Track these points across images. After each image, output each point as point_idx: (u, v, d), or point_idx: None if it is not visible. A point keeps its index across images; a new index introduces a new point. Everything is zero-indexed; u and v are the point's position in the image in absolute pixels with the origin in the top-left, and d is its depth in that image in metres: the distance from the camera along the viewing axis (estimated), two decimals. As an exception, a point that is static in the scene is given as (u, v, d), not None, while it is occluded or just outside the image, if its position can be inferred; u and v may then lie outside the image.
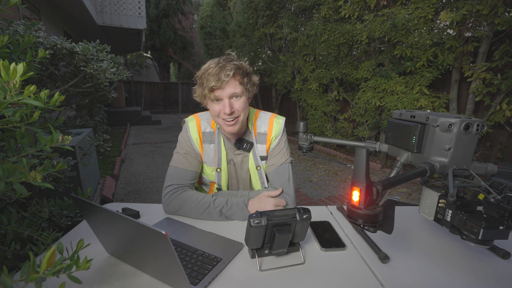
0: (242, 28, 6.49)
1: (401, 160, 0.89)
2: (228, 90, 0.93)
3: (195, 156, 1.06)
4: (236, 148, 1.07)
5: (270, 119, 1.10)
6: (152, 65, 14.85)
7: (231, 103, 0.94)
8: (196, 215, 0.95)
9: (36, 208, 1.03)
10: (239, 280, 0.65)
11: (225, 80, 0.90)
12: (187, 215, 0.96)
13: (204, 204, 0.94)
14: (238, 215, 0.94)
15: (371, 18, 3.83)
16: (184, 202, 0.96)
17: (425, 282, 0.67)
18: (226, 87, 0.92)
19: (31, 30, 1.19)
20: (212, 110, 0.98)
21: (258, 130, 1.09)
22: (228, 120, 0.96)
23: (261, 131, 1.09)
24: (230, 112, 0.94)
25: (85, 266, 0.48)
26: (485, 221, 0.63)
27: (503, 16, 2.74)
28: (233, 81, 0.93)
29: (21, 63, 0.49)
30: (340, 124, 5.23)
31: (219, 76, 0.90)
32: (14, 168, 0.47)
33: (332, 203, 3.06)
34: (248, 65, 1.00)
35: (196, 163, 1.06)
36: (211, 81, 0.90)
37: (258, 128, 1.09)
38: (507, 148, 3.22)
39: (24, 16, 3.99)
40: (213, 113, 0.99)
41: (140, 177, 3.80)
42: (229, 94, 0.93)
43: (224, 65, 0.91)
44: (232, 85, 0.93)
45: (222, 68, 0.90)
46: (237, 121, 0.97)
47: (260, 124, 1.10)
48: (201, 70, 0.96)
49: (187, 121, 1.08)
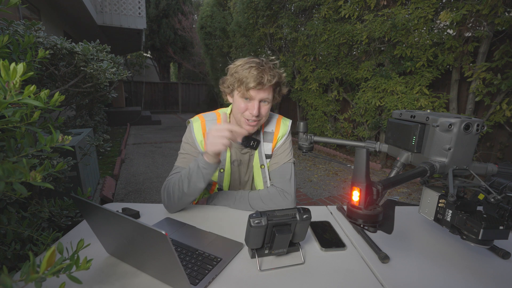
0: (242, 28, 6.49)
1: (401, 160, 0.89)
2: (262, 95, 0.94)
3: (197, 156, 1.06)
4: (243, 146, 1.08)
5: (278, 119, 1.13)
6: (152, 65, 14.84)
7: (259, 106, 0.96)
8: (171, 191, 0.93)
9: (36, 208, 1.03)
10: (239, 280, 0.65)
11: (266, 84, 0.91)
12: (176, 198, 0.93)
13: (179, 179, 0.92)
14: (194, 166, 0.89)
15: (371, 18, 3.83)
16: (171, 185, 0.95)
17: (425, 282, 0.67)
18: (262, 91, 0.94)
19: (31, 30, 1.19)
20: (238, 105, 0.98)
21: (265, 129, 1.11)
22: (251, 121, 0.98)
23: (269, 130, 1.11)
24: (257, 114, 0.95)
25: (85, 266, 0.48)
26: (485, 221, 0.63)
27: (503, 16, 2.73)
28: (269, 88, 0.95)
29: (21, 63, 0.49)
30: (340, 124, 5.23)
31: (262, 79, 0.90)
32: (14, 168, 0.47)
33: (332, 203, 3.06)
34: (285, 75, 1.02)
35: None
36: (251, 81, 0.90)
37: (265, 127, 1.11)
38: (507, 148, 3.21)
39: (24, 16, 3.99)
40: (237, 109, 0.99)
41: (140, 177, 3.80)
42: (262, 98, 0.95)
43: (267, 70, 0.92)
44: (267, 91, 0.95)
45: (265, 72, 0.91)
46: (257, 124, 1.00)
47: (267, 123, 1.12)
48: (241, 62, 0.95)
49: (192, 122, 1.08)
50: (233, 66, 0.97)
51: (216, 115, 1.11)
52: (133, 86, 12.81)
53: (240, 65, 0.94)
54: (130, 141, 6.29)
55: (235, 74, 0.95)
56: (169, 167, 4.25)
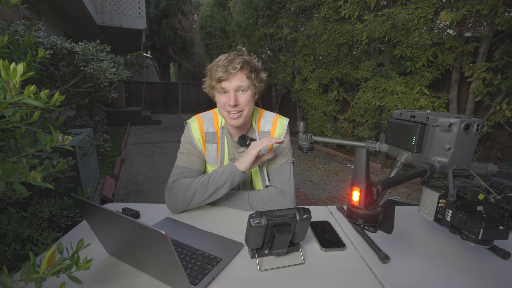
0: (242, 28, 6.49)
1: (401, 160, 0.89)
2: (234, 83, 0.95)
3: (198, 155, 1.08)
4: (239, 145, 1.08)
5: (274, 118, 1.12)
6: (152, 65, 14.84)
7: (236, 96, 0.96)
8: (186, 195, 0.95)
9: (36, 208, 1.03)
10: (239, 280, 0.65)
11: (232, 72, 0.93)
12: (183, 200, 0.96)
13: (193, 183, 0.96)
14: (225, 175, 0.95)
15: (371, 18, 3.83)
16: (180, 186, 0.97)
17: (425, 282, 0.67)
18: (232, 79, 0.95)
19: (31, 30, 1.19)
20: (219, 101, 1.00)
21: (262, 129, 1.11)
22: (233, 113, 0.98)
23: (265, 130, 1.11)
24: (234, 104, 0.96)
25: (85, 266, 0.48)
26: (485, 221, 0.63)
27: (503, 16, 2.73)
28: (240, 74, 0.96)
29: (21, 63, 0.49)
30: (340, 124, 5.23)
31: (227, 68, 0.93)
32: (14, 168, 0.47)
33: (332, 203, 3.06)
34: (258, 61, 1.03)
35: (199, 162, 1.08)
36: (219, 72, 0.93)
37: (262, 127, 1.11)
38: (507, 148, 3.21)
39: (24, 16, 3.99)
40: (219, 105, 1.01)
41: (140, 177, 3.80)
42: (235, 86, 0.96)
43: (233, 58, 0.95)
44: (239, 78, 0.96)
45: (231, 61, 0.94)
46: (241, 115, 0.99)
47: (264, 122, 1.11)
48: (212, 63, 0.99)
49: (189, 122, 1.09)
50: (208, 68, 1.01)
51: (213, 114, 1.11)
52: (133, 86, 12.81)
53: (211, 65, 0.99)
54: (130, 141, 6.29)
55: (208, 73, 0.99)
56: (169, 167, 4.24)
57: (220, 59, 0.96)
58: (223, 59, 0.95)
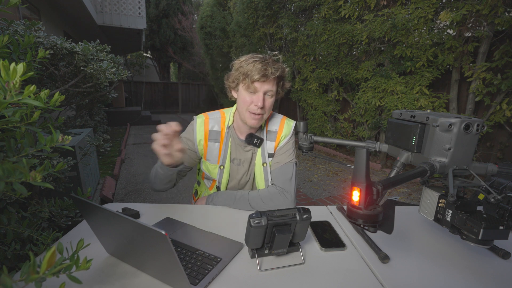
0: (242, 28, 6.48)
1: (401, 160, 0.89)
2: (266, 87, 0.98)
3: (189, 154, 1.09)
4: (246, 144, 1.09)
5: (282, 119, 1.15)
6: (152, 65, 14.83)
7: (264, 99, 0.99)
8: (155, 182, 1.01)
9: (36, 208, 1.03)
10: (239, 280, 0.65)
11: (270, 77, 0.95)
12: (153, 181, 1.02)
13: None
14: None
15: (371, 18, 3.83)
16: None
17: (425, 282, 0.67)
18: (266, 83, 0.97)
19: (31, 30, 1.19)
20: (243, 99, 1.00)
21: (269, 128, 1.12)
22: (256, 114, 0.99)
23: (272, 129, 1.12)
24: (262, 106, 0.98)
25: (85, 266, 0.48)
26: (485, 221, 0.63)
27: (503, 16, 2.73)
28: (273, 80, 0.98)
29: (21, 63, 0.49)
30: (340, 124, 5.22)
31: (266, 72, 0.94)
32: (14, 168, 0.47)
33: (332, 203, 3.06)
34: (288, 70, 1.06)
35: (188, 159, 1.09)
36: (256, 73, 0.94)
37: (269, 127, 1.13)
38: (507, 148, 3.21)
39: (24, 16, 3.99)
40: (243, 102, 1.01)
41: (140, 177, 3.80)
42: (266, 90, 0.98)
43: (270, 63, 0.97)
44: (271, 83, 0.98)
45: (269, 65, 0.95)
46: (261, 117, 1.02)
47: (271, 123, 1.13)
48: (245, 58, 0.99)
49: (196, 118, 1.11)
50: (238, 61, 1.01)
51: (221, 114, 1.12)
52: (133, 86, 12.80)
53: (244, 60, 0.98)
54: (130, 141, 6.29)
55: (240, 68, 0.98)
56: (169, 167, 4.23)
57: (256, 59, 0.96)
58: (259, 60, 0.96)
